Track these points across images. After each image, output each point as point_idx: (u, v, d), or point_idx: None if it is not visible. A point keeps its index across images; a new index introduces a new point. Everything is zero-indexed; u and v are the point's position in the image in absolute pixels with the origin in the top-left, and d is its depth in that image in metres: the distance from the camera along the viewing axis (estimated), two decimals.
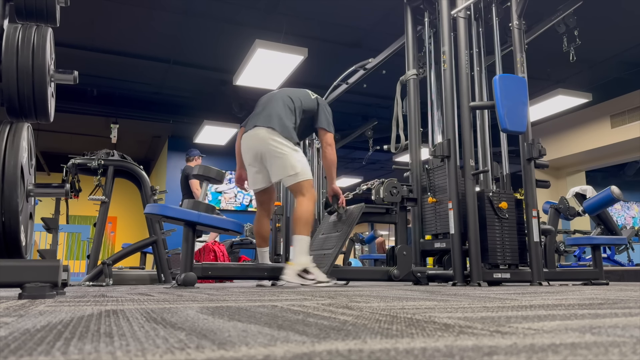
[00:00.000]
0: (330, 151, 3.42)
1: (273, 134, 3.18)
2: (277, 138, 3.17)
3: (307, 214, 3.14)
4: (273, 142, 3.17)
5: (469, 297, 1.71)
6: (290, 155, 3.16)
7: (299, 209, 3.17)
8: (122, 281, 4.21)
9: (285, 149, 3.16)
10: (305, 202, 3.17)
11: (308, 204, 3.16)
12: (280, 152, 3.16)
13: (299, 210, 3.17)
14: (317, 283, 2.96)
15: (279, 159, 3.17)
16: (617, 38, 6.26)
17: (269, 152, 3.19)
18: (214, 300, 1.58)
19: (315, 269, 3.04)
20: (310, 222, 3.14)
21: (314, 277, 2.98)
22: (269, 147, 3.18)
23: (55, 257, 2.25)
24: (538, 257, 3.31)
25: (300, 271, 2.98)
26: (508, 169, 3.85)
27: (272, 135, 3.18)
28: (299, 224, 3.12)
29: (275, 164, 3.19)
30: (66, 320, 0.91)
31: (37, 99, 1.73)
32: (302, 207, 3.16)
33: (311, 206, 3.18)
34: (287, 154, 3.16)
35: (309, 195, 3.18)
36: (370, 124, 7.29)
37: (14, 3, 1.78)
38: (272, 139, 3.17)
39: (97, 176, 4.19)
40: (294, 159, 3.16)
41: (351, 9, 5.50)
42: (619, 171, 11.53)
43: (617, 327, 0.79)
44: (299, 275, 2.98)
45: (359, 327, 0.80)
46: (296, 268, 2.99)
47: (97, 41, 6.30)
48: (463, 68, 3.45)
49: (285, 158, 3.15)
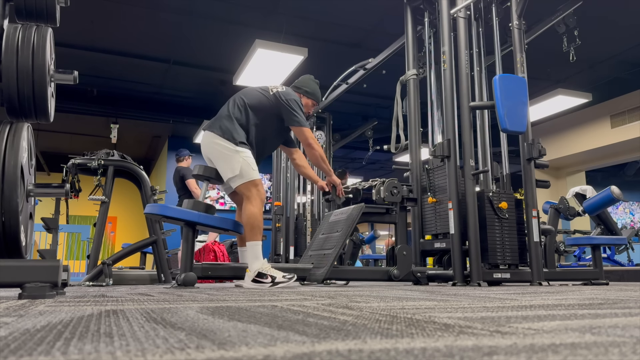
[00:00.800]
0: (311, 151, 3.31)
1: (214, 137, 3.12)
2: (217, 141, 3.10)
3: (254, 219, 3.03)
4: (214, 146, 3.11)
5: (469, 297, 1.71)
6: (231, 157, 3.07)
7: (244, 215, 3.07)
8: (122, 281, 4.21)
9: (225, 151, 3.08)
10: (249, 207, 3.05)
11: (252, 208, 3.05)
12: (220, 154, 3.10)
13: (244, 217, 3.07)
14: (273, 285, 2.92)
15: (220, 161, 3.11)
16: (617, 38, 6.26)
17: (212, 155, 3.16)
18: (214, 300, 1.58)
19: (272, 270, 2.98)
20: (258, 226, 3.03)
21: (270, 279, 2.94)
22: (212, 150, 3.14)
23: (55, 257, 2.25)
24: (538, 257, 3.31)
25: (254, 277, 2.95)
26: (508, 169, 3.85)
27: (213, 138, 3.12)
28: (247, 230, 3.03)
29: (219, 167, 3.14)
30: (66, 320, 0.91)
31: (37, 99, 1.73)
32: (247, 213, 3.05)
33: (257, 210, 3.05)
34: (227, 155, 3.07)
35: (253, 198, 3.06)
36: (370, 124, 7.29)
37: (14, 3, 1.78)
38: (213, 142, 3.12)
39: (97, 176, 4.19)
40: (234, 161, 3.06)
41: (351, 9, 5.50)
42: (619, 171, 11.53)
43: (617, 327, 0.79)
44: (255, 280, 2.95)
45: (359, 327, 0.80)
46: (251, 275, 2.96)
47: (97, 41, 6.30)
48: (463, 68, 3.45)
49: (226, 160, 3.08)
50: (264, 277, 2.94)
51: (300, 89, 3.48)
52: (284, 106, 3.22)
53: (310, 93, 3.49)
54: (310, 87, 3.51)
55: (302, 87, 3.50)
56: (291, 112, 3.22)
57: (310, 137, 3.29)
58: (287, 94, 3.28)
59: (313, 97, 3.52)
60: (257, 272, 2.95)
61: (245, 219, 3.04)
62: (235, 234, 3.28)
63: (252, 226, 3.01)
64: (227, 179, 3.10)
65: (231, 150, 3.08)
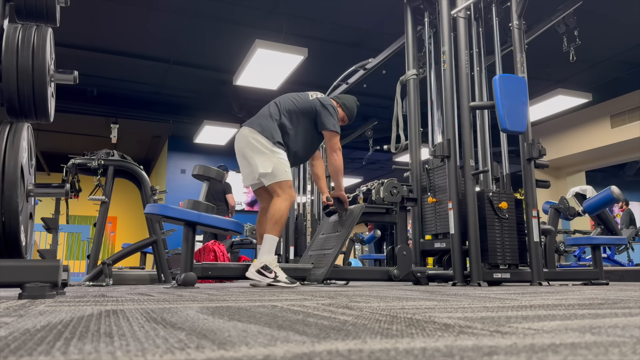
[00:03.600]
0: (334, 158, 3.37)
1: (253, 132, 3.20)
2: (255, 136, 3.18)
3: (280, 214, 3.10)
4: (252, 140, 3.19)
5: (468, 297, 1.71)
6: (266, 155, 3.15)
7: (272, 208, 3.13)
8: (122, 281, 4.21)
9: (262, 148, 3.16)
10: (279, 201, 3.13)
11: (282, 204, 3.12)
12: (256, 149, 3.17)
13: (272, 209, 3.12)
14: (276, 281, 2.96)
15: (256, 155, 3.18)
16: (617, 38, 6.26)
17: (248, 148, 3.22)
18: (214, 300, 1.58)
19: (277, 269, 3.03)
20: (281, 222, 3.10)
21: (274, 275, 2.98)
22: (248, 144, 3.21)
23: (55, 257, 2.25)
24: (538, 257, 3.31)
25: (260, 268, 2.99)
26: (508, 169, 3.85)
27: (252, 134, 3.20)
28: (270, 223, 3.10)
29: (252, 161, 3.20)
30: (66, 320, 0.91)
31: (37, 99, 1.73)
32: (274, 206, 3.12)
33: (285, 206, 3.13)
34: (263, 152, 3.16)
35: (284, 195, 3.14)
36: (370, 124, 7.29)
37: (14, 3, 1.78)
38: (252, 137, 3.19)
39: (97, 176, 4.19)
40: (268, 159, 3.14)
41: (351, 9, 5.50)
42: (619, 171, 11.53)
43: (617, 327, 0.79)
44: (259, 271, 2.98)
45: (359, 327, 0.80)
46: (257, 265, 3.01)
47: (97, 41, 6.30)
48: (463, 68, 3.45)
49: (261, 156, 3.15)
50: (269, 271, 2.98)
51: (340, 99, 3.59)
52: (321, 109, 3.32)
53: (347, 107, 3.58)
54: (349, 102, 3.60)
55: (341, 99, 3.59)
56: (327, 115, 3.32)
57: (337, 146, 3.37)
58: (326, 99, 3.40)
59: (348, 112, 3.59)
60: (263, 264, 2.99)
61: (272, 212, 3.12)
62: (235, 234, 3.28)
63: (275, 220, 3.09)
64: (258, 174, 3.16)
65: (268, 148, 3.16)
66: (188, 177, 9.35)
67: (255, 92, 6.96)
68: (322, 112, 3.32)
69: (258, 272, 2.98)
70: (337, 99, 3.57)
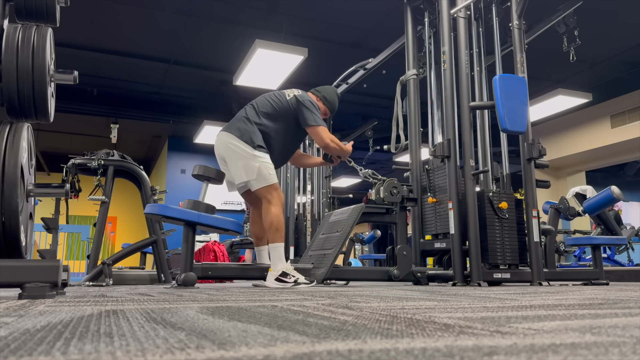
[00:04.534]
0: (331, 147, 3.33)
1: (231, 138, 3.15)
2: (234, 142, 3.13)
3: (277, 220, 3.10)
4: (231, 147, 3.14)
5: (469, 297, 1.71)
6: (248, 160, 3.09)
7: (266, 218, 3.12)
8: (122, 281, 4.21)
9: (242, 154, 3.11)
10: (271, 208, 3.10)
11: (274, 209, 3.11)
12: (237, 156, 3.12)
13: (267, 218, 3.12)
14: (297, 284, 2.99)
15: (237, 162, 3.14)
16: (617, 38, 6.26)
17: (228, 156, 3.18)
18: (214, 300, 1.58)
19: (294, 272, 3.06)
20: (280, 228, 3.10)
21: (294, 280, 3.01)
22: (228, 151, 3.17)
23: (55, 257, 2.25)
24: (538, 257, 3.31)
25: (279, 276, 3.01)
26: (508, 169, 3.85)
27: (231, 139, 3.15)
28: (270, 233, 3.10)
29: (233, 168, 3.17)
30: (66, 321, 0.91)
31: (37, 99, 1.73)
32: (270, 215, 3.10)
33: (278, 211, 3.12)
34: (244, 158, 3.10)
35: (274, 200, 3.12)
36: (370, 124, 7.28)
37: (14, 3, 1.78)
38: (230, 143, 3.15)
39: (97, 176, 4.19)
40: (251, 165, 3.09)
41: (351, 9, 5.50)
42: (619, 171, 11.53)
43: (617, 327, 0.79)
44: (278, 279, 3.01)
45: (359, 327, 0.80)
46: (275, 274, 3.03)
47: (97, 41, 6.30)
48: (463, 68, 3.45)
49: (243, 162, 3.11)
50: (288, 277, 3.01)
51: (320, 93, 3.49)
52: (299, 107, 3.25)
53: (327, 100, 3.48)
54: (329, 94, 3.50)
55: (321, 92, 3.50)
56: (306, 111, 3.24)
57: (326, 137, 3.29)
58: (303, 96, 3.31)
59: (329, 105, 3.50)
60: (281, 272, 3.02)
61: (268, 221, 3.11)
62: (235, 234, 3.29)
63: (275, 228, 3.09)
64: (240, 181, 3.13)
65: (249, 153, 3.11)
66: (188, 177, 9.34)
67: (255, 92, 6.91)
68: (302, 109, 3.25)
69: (278, 280, 3.00)
70: (316, 93, 3.48)
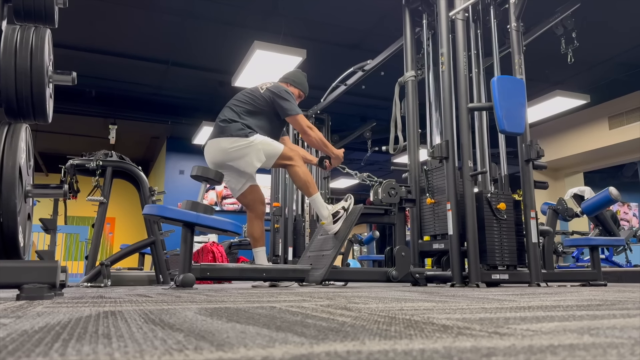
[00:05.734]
0: (310, 136, 3.40)
1: (222, 141, 3.21)
2: (226, 144, 3.19)
3: (304, 177, 3.29)
4: (227, 150, 3.20)
5: (467, 298, 1.71)
6: (249, 151, 3.18)
7: (295, 178, 3.34)
8: (121, 282, 4.20)
9: (240, 150, 3.18)
10: (295, 168, 3.28)
11: (298, 168, 3.28)
12: (237, 155, 3.19)
13: (296, 179, 3.34)
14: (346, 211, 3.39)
15: (240, 160, 3.20)
16: (614, 40, 6.27)
17: (226, 160, 3.23)
18: (213, 301, 1.58)
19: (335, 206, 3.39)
20: (311, 181, 3.31)
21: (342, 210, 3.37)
22: (225, 155, 3.21)
23: (53, 258, 2.25)
24: (536, 258, 3.31)
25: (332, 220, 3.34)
26: (506, 170, 3.86)
27: (222, 143, 3.20)
28: (304, 189, 3.32)
29: (241, 166, 3.23)
30: (64, 322, 0.90)
31: (35, 100, 1.73)
32: (297, 175, 3.30)
33: (302, 166, 3.31)
34: (244, 152, 3.18)
35: (293, 161, 3.28)
36: (368, 125, 7.29)
37: (13, 4, 1.78)
38: (224, 147, 3.20)
39: (96, 177, 4.19)
40: (254, 152, 3.18)
41: (350, 10, 5.51)
42: (617, 172, 11.55)
43: (615, 329, 0.79)
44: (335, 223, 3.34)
45: (357, 328, 0.80)
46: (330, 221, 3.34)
47: (95, 42, 6.29)
48: (461, 69, 3.45)
49: (246, 156, 3.18)
50: (338, 214, 3.34)
51: (288, 79, 3.64)
52: (275, 98, 3.35)
53: (297, 83, 3.64)
54: (297, 78, 3.66)
55: (290, 78, 3.65)
56: (283, 101, 3.35)
57: (305, 124, 3.39)
58: (276, 87, 3.41)
59: (301, 87, 3.65)
60: (330, 215, 3.34)
61: (298, 180, 3.31)
62: (234, 235, 3.28)
63: (306, 183, 3.31)
64: (254, 170, 3.26)
65: (245, 145, 3.18)
66: (186, 178, 9.34)
67: None
68: (278, 101, 3.35)
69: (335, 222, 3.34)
70: (285, 80, 3.61)
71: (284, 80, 3.61)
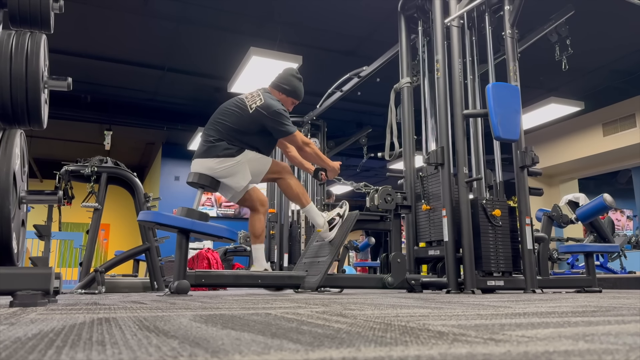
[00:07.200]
0: (307, 152, 3.33)
1: (210, 162, 3.13)
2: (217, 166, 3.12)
3: (296, 189, 3.32)
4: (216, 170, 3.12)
5: (462, 305, 1.71)
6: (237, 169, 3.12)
7: (287, 190, 3.36)
8: (115, 289, 4.18)
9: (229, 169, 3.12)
10: (285, 181, 3.32)
11: (288, 180, 3.32)
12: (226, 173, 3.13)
13: (287, 191, 3.36)
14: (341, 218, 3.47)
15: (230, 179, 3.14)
16: (609, 47, 6.32)
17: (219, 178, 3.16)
18: (207, 308, 1.57)
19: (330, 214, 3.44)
20: (303, 192, 3.33)
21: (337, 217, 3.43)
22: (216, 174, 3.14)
23: (47, 265, 2.24)
24: (531, 264, 3.32)
25: (328, 229, 3.39)
26: (501, 176, 3.87)
27: (210, 164, 3.13)
28: (297, 200, 3.34)
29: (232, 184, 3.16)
30: (58, 329, 0.90)
31: (30, 106, 1.72)
32: (289, 187, 3.34)
33: (293, 179, 3.34)
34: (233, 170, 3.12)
35: (283, 174, 3.31)
36: (364, 132, 7.31)
37: (8, 9, 1.78)
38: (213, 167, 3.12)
39: (90, 183, 4.17)
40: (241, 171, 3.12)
41: (346, 17, 5.53)
42: (611, 179, 11.62)
43: (610, 335, 0.79)
44: (331, 229, 3.39)
45: (353, 335, 0.80)
46: (325, 229, 3.38)
47: (91, 48, 6.29)
48: (456, 76, 3.47)
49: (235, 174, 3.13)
50: (334, 221, 3.41)
51: (280, 86, 3.35)
52: (269, 121, 3.16)
53: (290, 90, 3.35)
54: (290, 84, 3.35)
55: (282, 85, 3.34)
56: (276, 123, 3.17)
57: (301, 141, 3.30)
58: (267, 107, 3.14)
59: (293, 95, 3.38)
60: (325, 223, 3.38)
61: (293, 195, 3.35)
62: (229, 242, 3.28)
63: (298, 195, 3.32)
64: (241, 187, 3.19)
65: (231, 165, 3.12)
66: (182, 184, 9.32)
67: None
68: (270, 124, 3.16)
69: (331, 229, 3.39)
70: (276, 87, 3.35)
71: (275, 87, 3.35)
